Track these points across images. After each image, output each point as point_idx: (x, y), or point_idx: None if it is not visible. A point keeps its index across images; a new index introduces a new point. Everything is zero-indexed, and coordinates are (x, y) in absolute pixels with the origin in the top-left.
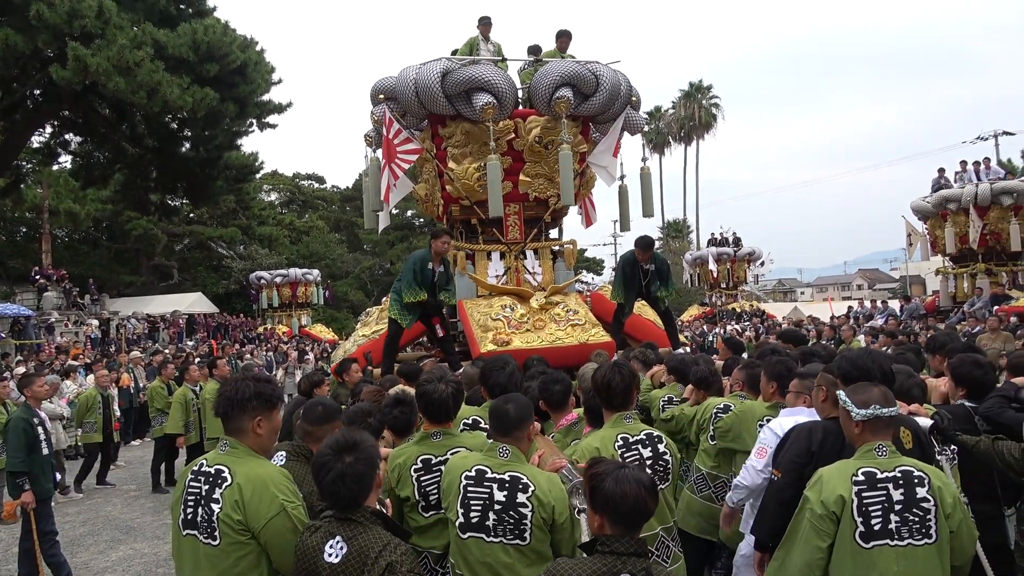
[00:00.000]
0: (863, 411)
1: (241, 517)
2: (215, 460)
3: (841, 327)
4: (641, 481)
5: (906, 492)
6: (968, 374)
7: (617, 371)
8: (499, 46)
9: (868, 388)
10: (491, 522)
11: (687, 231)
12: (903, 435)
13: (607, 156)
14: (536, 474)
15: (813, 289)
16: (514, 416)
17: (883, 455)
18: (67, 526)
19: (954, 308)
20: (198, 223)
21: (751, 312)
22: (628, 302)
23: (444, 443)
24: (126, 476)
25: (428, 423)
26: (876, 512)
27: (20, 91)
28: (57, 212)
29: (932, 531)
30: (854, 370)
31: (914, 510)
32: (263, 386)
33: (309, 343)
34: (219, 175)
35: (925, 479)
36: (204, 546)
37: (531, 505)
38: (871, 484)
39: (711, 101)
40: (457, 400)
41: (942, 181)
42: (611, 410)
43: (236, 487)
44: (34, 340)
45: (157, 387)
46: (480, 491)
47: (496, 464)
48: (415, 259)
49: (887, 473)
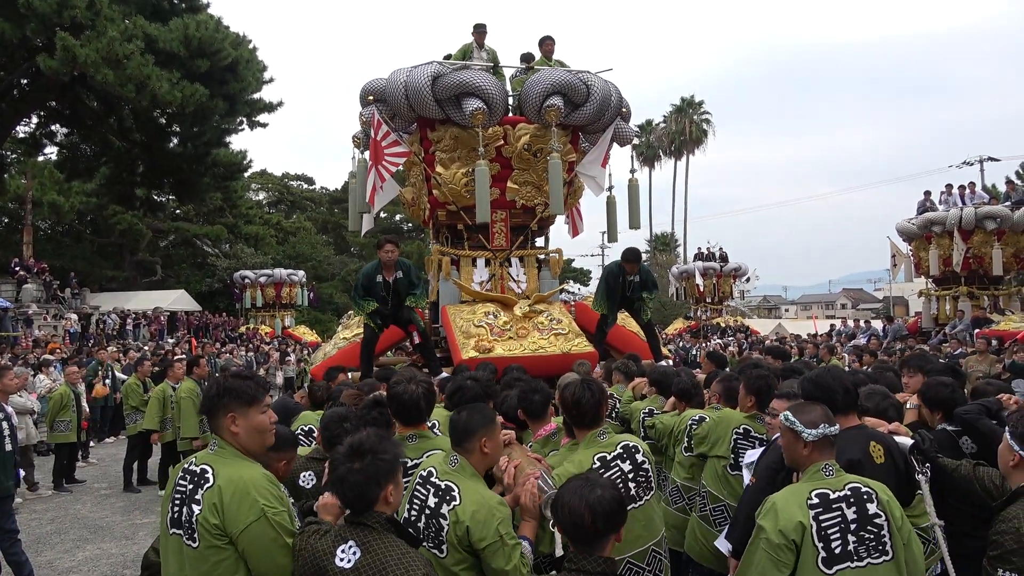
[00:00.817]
0: (813, 431)
1: (218, 521)
2: (202, 459)
3: (820, 346)
4: (588, 496)
5: (858, 510)
6: (936, 395)
7: (587, 388)
8: (494, 53)
9: (812, 408)
10: (422, 524)
11: (674, 245)
12: (874, 449)
13: (596, 166)
14: (470, 491)
15: (797, 307)
16: (461, 427)
17: (830, 474)
18: (34, 523)
19: (936, 330)
20: (184, 220)
21: (735, 327)
22: (611, 313)
23: (419, 446)
24: (98, 474)
25: (401, 426)
26: (835, 535)
27: (7, 80)
28: (40, 204)
29: (888, 547)
30: (816, 390)
31: (868, 527)
32: (236, 382)
33: (292, 344)
34: (207, 172)
35: (873, 494)
36: (186, 547)
37: (449, 519)
38: (826, 506)
39: (702, 116)
40: (429, 400)
41: (927, 204)
42: (583, 428)
43: (216, 489)
44: (11, 333)
45: (133, 384)
46: (421, 492)
47: (443, 470)
48: (363, 273)
49: (838, 492)
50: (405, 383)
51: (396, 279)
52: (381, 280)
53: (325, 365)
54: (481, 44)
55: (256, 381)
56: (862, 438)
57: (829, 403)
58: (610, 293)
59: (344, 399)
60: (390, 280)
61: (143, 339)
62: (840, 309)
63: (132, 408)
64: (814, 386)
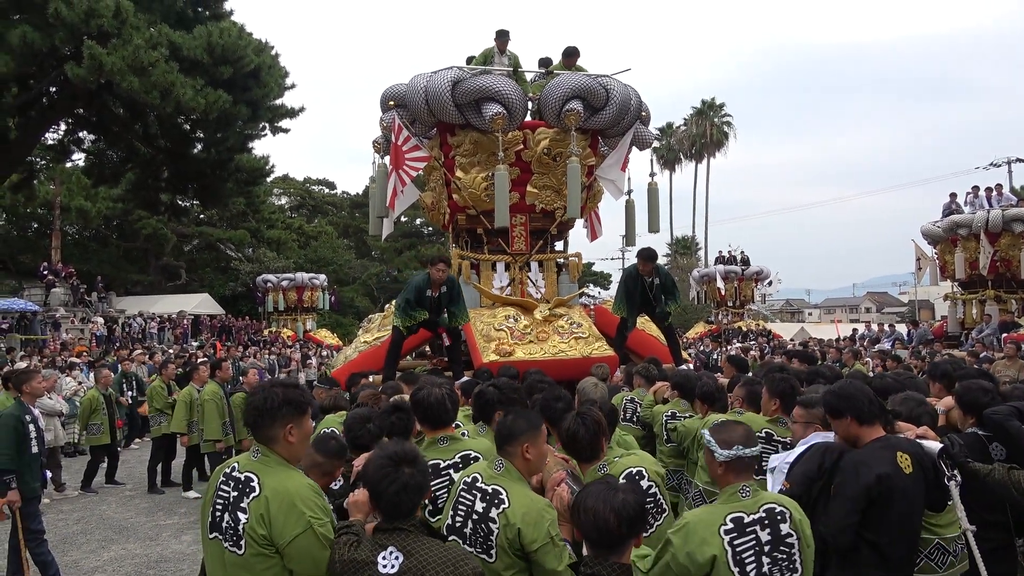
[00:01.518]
0: (725, 452)
1: (266, 532)
2: (245, 466)
3: (843, 350)
4: (611, 501)
5: (772, 531)
6: (975, 401)
7: (581, 422)
8: (516, 58)
9: (732, 427)
10: (468, 530)
11: (695, 248)
12: (901, 460)
13: (615, 170)
14: (519, 494)
15: (821, 310)
16: (505, 431)
17: (747, 496)
18: (60, 524)
19: (962, 334)
20: (207, 224)
21: (757, 331)
22: (631, 316)
23: (451, 447)
24: (122, 475)
25: (429, 430)
26: (750, 559)
27: (36, 88)
28: (68, 209)
29: (797, 564)
30: (840, 402)
31: (781, 548)
32: (292, 392)
33: (312, 347)
34: (230, 177)
35: (787, 514)
36: (228, 552)
37: (499, 522)
38: (740, 530)
39: (723, 119)
40: (453, 401)
41: (953, 206)
42: (583, 463)
43: (263, 500)
44: (39, 336)
45: (157, 387)
46: (467, 497)
47: (488, 475)
48: (412, 286)
49: (753, 515)
50: (428, 387)
51: (441, 294)
52: (429, 295)
53: (347, 369)
54: (503, 50)
55: (303, 389)
56: (888, 450)
57: (855, 414)
58: (629, 296)
59: (362, 399)
60: (436, 295)
61: (168, 342)
62: (864, 313)
63: (156, 411)
64: (838, 398)
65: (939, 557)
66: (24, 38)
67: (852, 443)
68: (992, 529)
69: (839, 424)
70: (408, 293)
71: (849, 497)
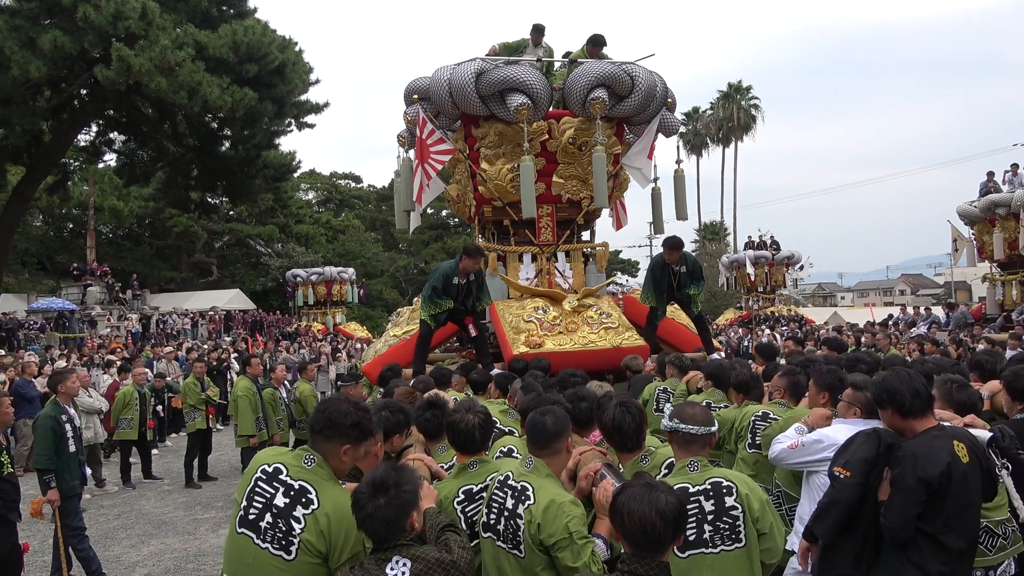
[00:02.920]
0: (667, 423)
1: (324, 548)
2: (298, 474)
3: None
4: (655, 503)
5: (716, 502)
6: (1022, 385)
7: (627, 411)
8: (551, 50)
9: (693, 407)
10: (501, 526)
11: (724, 233)
12: (958, 449)
13: (641, 158)
14: (544, 489)
15: (854, 294)
16: (552, 430)
17: (695, 470)
18: (101, 519)
19: (1002, 316)
20: (237, 221)
21: (789, 317)
22: (660, 305)
23: (482, 471)
24: (159, 470)
25: (460, 455)
26: (691, 524)
27: (67, 91)
28: (101, 209)
29: (742, 535)
30: (884, 395)
31: (724, 518)
32: (363, 416)
33: (343, 341)
34: (258, 174)
35: (733, 488)
36: (268, 555)
37: (524, 518)
38: (684, 499)
39: (750, 102)
40: (485, 430)
41: (991, 185)
42: (626, 453)
43: (324, 516)
44: (77, 334)
45: (191, 384)
46: (500, 495)
47: (519, 473)
48: (439, 273)
49: (698, 487)
50: (463, 412)
51: (469, 281)
52: (456, 282)
53: (378, 363)
54: (538, 43)
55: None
56: (945, 439)
57: (896, 407)
58: (657, 285)
59: (398, 397)
60: (463, 283)
61: (201, 338)
62: (899, 295)
63: (190, 407)
64: (880, 390)
65: (988, 540)
66: (55, 42)
67: (900, 433)
68: None
69: (883, 415)
70: (435, 280)
71: (911, 489)
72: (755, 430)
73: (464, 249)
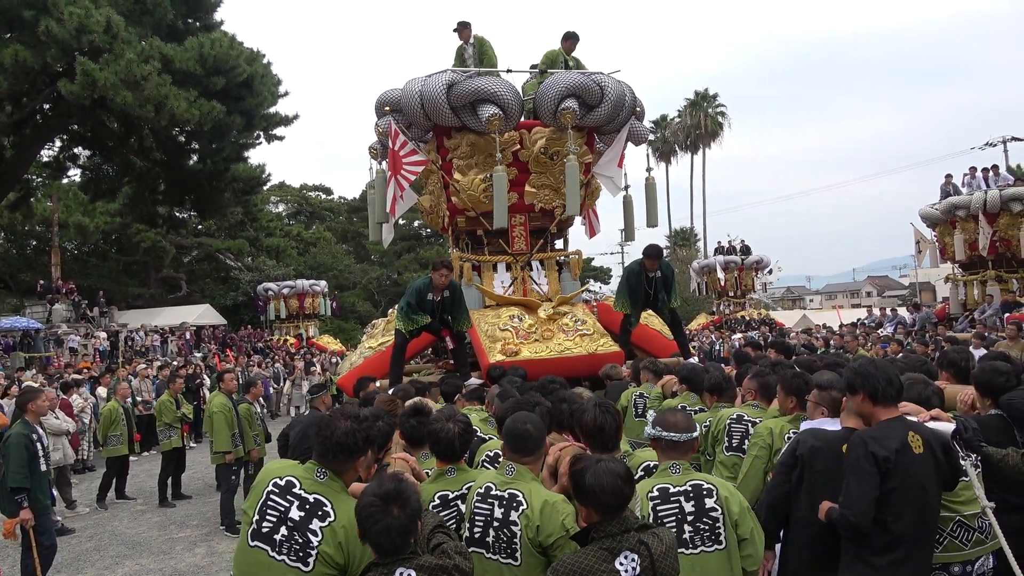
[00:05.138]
0: (648, 430)
1: (343, 560)
2: (313, 488)
3: (845, 336)
4: (616, 472)
5: (696, 503)
6: (990, 382)
7: (608, 412)
8: (481, 40)
9: (675, 414)
10: (491, 539)
11: (694, 239)
12: (912, 439)
13: (612, 166)
14: (535, 493)
15: (822, 296)
16: (536, 436)
17: (676, 472)
18: (74, 541)
19: (965, 315)
20: (206, 235)
21: (760, 320)
22: (634, 312)
23: (459, 478)
24: (132, 490)
25: (439, 461)
26: (671, 523)
27: (30, 106)
28: (66, 225)
29: (722, 538)
30: (857, 378)
31: (704, 519)
32: (372, 430)
33: (317, 354)
34: (226, 187)
35: (714, 490)
36: (284, 567)
37: (520, 523)
38: (664, 499)
39: (717, 110)
40: (465, 439)
41: (950, 188)
42: (604, 453)
43: (342, 529)
44: (43, 353)
45: (166, 401)
46: (484, 507)
47: (501, 481)
48: (413, 289)
49: (679, 488)
50: (444, 421)
51: (444, 297)
52: (431, 298)
53: (353, 375)
54: (467, 39)
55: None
56: (900, 428)
57: (869, 391)
58: (632, 292)
59: (378, 405)
60: (438, 299)
61: (171, 355)
62: (866, 297)
63: (166, 425)
64: (855, 374)
65: (963, 534)
66: (16, 56)
67: (867, 421)
68: (1014, 512)
69: (853, 400)
70: (409, 297)
71: (864, 470)
72: (731, 433)
73: (432, 264)
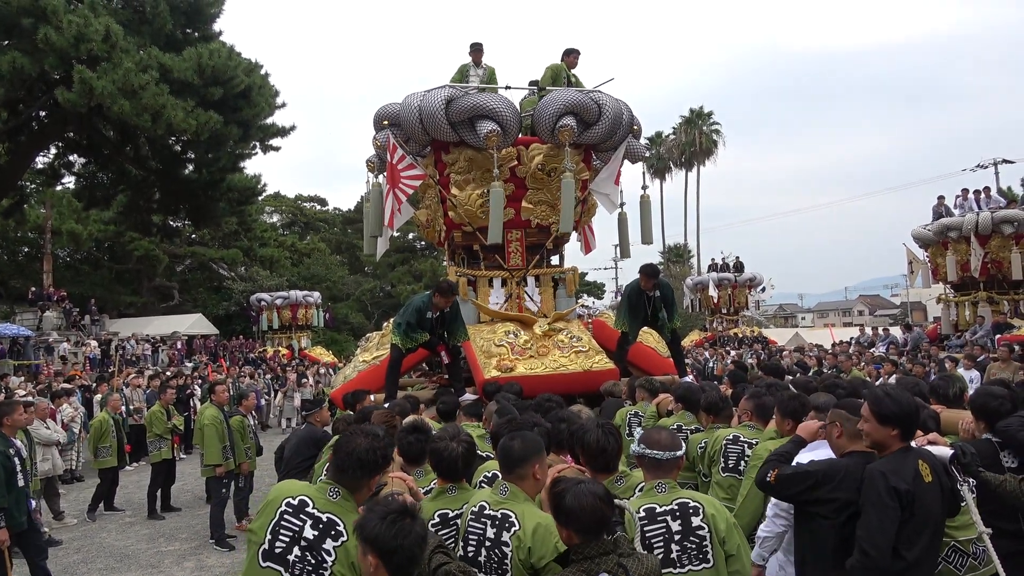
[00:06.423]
0: (633, 447)
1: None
2: (326, 507)
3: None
4: (596, 493)
5: (683, 522)
6: (984, 406)
7: (610, 434)
8: (492, 70)
9: (659, 431)
10: (483, 558)
11: (688, 256)
12: (922, 468)
13: (609, 184)
14: (528, 514)
15: (814, 314)
16: (516, 455)
17: (662, 491)
18: (61, 553)
19: (957, 335)
20: (200, 244)
21: (752, 338)
22: (632, 331)
23: (459, 497)
24: (121, 501)
25: (440, 479)
26: (658, 543)
27: (26, 113)
28: (59, 232)
29: (709, 556)
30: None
31: (691, 538)
32: (389, 448)
33: (309, 365)
34: (221, 197)
35: (700, 508)
36: None
37: (512, 544)
38: (651, 519)
39: (712, 127)
40: (468, 459)
41: (942, 209)
42: (603, 474)
43: (355, 548)
44: (33, 361)
45: (156, 412)
46: (477, 527)
47: (495, 501)
48: (412, 308)
49: (665, 507)
50: (447, 440)
51: (443, 313)
52: (429, 316)
53: (346, 388)
54: (478, 62)
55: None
56: (912, 458)
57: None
58: (632, 311)
59: (374, 420)
60: (436, 315)
61: (162, 364)
62: (858, 316)
63: (156, 436)
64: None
65: (957, 559)
66: (14, 64)
67: (877, 447)
68: (1005, 538)
69: (883, 430)
70: (408, 315)
71: (885, 504)
72: (727, 454)
73: (437, 287)
